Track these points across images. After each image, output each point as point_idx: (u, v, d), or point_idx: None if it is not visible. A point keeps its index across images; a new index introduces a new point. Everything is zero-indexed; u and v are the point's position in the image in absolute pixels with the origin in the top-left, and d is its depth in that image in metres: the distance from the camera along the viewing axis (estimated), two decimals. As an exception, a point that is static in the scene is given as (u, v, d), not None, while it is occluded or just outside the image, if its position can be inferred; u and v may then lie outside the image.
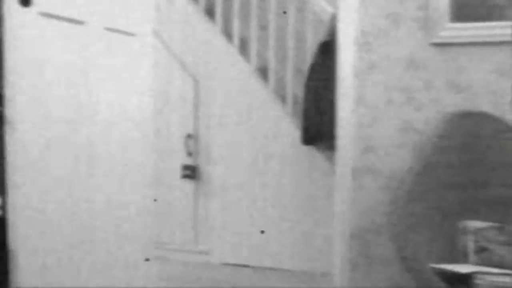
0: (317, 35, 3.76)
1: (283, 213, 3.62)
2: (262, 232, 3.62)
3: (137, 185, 2.57)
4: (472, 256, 2.19)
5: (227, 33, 4.04)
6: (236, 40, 3.78)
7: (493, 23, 2.47)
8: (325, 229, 3.47)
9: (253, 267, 3.63)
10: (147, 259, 2.59)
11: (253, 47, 3.75)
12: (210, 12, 4.11)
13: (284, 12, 4.10)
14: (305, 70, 3.63)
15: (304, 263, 3.54)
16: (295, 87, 3.90)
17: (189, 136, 3.81)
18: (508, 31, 2.46)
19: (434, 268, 2.02)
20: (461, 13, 2.51)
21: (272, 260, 3.63)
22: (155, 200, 3.46)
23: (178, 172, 3.83)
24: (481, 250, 2.18)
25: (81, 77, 2.21)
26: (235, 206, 3.72)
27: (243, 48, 4.11)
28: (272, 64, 3.73)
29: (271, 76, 3.71)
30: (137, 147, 2.56)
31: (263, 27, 4.15)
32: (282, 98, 3.80)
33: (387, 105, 2.60)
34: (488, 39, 2.48)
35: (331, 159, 3.47)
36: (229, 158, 3.73)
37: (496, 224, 2.24)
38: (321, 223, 3.48)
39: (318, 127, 3.38)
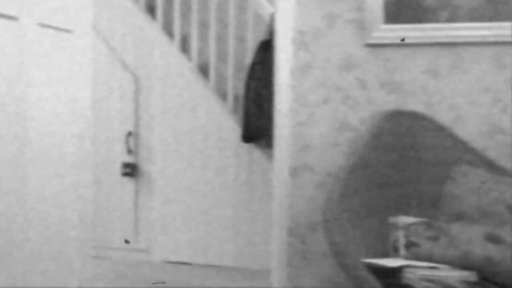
0: (257, 34, 3.79)
1: (224, 210, 3.64)
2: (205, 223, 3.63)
3: (75, 184, 2.54)
4: (402, 251, 2.26)
5: (168, 30, 4.03)
6: (176, 37, 3.77)
7: (425, 25, 2.55)
8: (265, 226, 3.51)
9: (193, 265, 3.64)
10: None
11: (194, 44, 3.76)
12: (150, 9, 4.09)
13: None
14: (246, 68, 3.66)
15: (244, 260, 3.57)
16: (236, 85, 3.93)
17: (129, 133, 3.78)
18: (439, 32, 2.54)
19: (365, 263, 2.08)
20: (394, 15, 2.59)
21: (212, 257, 3.65)
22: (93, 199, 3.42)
23: (118, 170, 3.80)
24: (410, 245, 2.25)
25: (16, 74, 2.17)
26: (176, 203, 3.72)
27: (184, 45, 4.11)
28: (213, 62, 3.74)
29: (212, 73, 3.73)
30: (75, 145, 2.54)
31: (204, 24, 4.15)
32: (223, 96, 3.82)
33: (324, 104, 2.65)
34: (420, 41, 2.56)
35: (271, 157, 3.52)
36: (169, 155, 3.72)
37: (425, 220, 2.32)
38: (261, 220, 3.52)
39: (258, 125, 3.41)
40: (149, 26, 3.77)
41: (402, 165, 2.42)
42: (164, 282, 3.24)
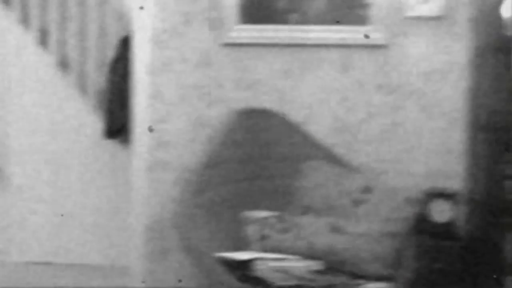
0: (120, 29, 3.75)
1: (85, 207, 3.58)
2: (62, 215, 3.54)
3: None
4: (255, 244, 2.36)
5: (25, 22, 3.88)
6: (35, 30, 3.65)
7: (278, 26, 2.66)
8: (127, 223, 3.49)
9: (55, 264, 3.56)
10: None
11: (54, 38, 3.65)
12: None
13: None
14: (109, 63, 3.61)
15: (107, 257, 3.54)
16: (98, 81, 3.86)
17: (-17, 130, 3.61)
18: (291, 34, 2.66)
19: (218, 257, 2.14)
20: (249, 16, 2.67)
21: (75, 256, 3.58)
22: None
23: (-29, 168, 3.61)
24: (263, 237, 2.35)
25: None
26: (36, 202, 3.61)
27: (43, 38, 3.97)
28: (73, 57, 3.66)
29: (73, 68, 3.64)
30: None
31: (65, 18, 4.04)
32: (85, 91, 3.75)
33: (181, 102, 2.69)
34: (273, 41, 2.66)
35: (133, 153, 3.50)
36: (28, 153, 3.60)
37: (276, 213, 2.43)
38: (123, 216, 3.50)
39: (120, 121, 3.39)
40: (4, 17, 3.61)
41: (255, 161, 2.52)
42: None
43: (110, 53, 3.59)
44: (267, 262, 2.17)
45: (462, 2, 2.58)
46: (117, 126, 3.36)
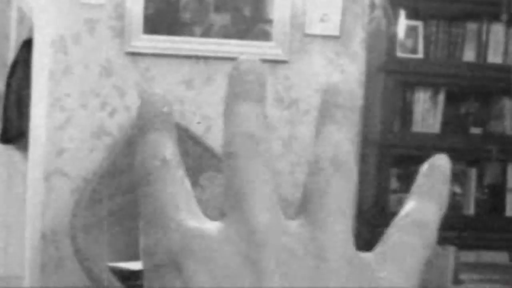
0: (22, 32, 3.66)
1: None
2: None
3: None
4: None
5: None
6: None
7: (183, 38, 2.69)
8: (23, 231, 3.40)
9: None
10: None
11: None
12: None
13: None
14: (9, 66, 3.51)
15: (1, 266, 3.43)
16: (-2, 83, 3.75)
17: None
18: (194, 46, 2.70)
19: (110, 267, 2.14)
20: (154, 26, 2.69)
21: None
22: None
23: None
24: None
25: None
26: None
27: None
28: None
29: (-30, 70, 3.52)
30: None
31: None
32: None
33: (81, 109, 2.66)
34: (177, 52, 2.69)
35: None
36: None
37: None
38: (18, 225, 3.41)
39: (18, 126, 3.31)
40: None
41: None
42: None
43: (12, 56, 3.50)
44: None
45: (357, 23, 2.71)
46: (15, 132, 3.27)
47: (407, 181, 2.51)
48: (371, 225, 2.39)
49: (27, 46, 3.34)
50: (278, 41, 2.69)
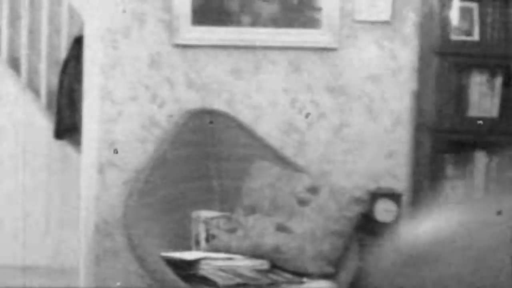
0: (73, 28, 3.72)
1: (36, 209, 3.53)
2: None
3: None
4: (203, 244, 2.37)
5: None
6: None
7: (229, 28, 2.68)
8: (76, 224, 3.46)
9: (4, 267, 3.50)
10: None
11: (5, 35, 3.60)
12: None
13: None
14: (61, 62, 3.57)
15: (56, 259, 3.50)
16: (50, 80, 3.82)
17: None
18: (242, 36, 2.68)
19: (164, 257, 2.14)
20: (202, 17, 2.68)
21: (25, 258, 3.53)
22: None
23: None
24: (210, 237, 2.36)
25: None
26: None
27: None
28: (24, 55, 3.61)
29: (24, 67, 3.59)
30: None
31: (17, 16, 3.99)
32: (36, 91, 3.70)
33: (132, 101, 2.68)
34: (225, 42, 2.68)
35: (85, 153, 3.47)
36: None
37: (225, 214, 2.44)
38: (75, 218, 3.47)
39: (71, 121, 3.36)
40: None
41: (204, 161, 2.52)
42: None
43: (64, 52, 3.56)
44: (212, 262, 2.18)
45: (409, 7, 2.64)
46: (68, 127, 3.33)
47: (462, 167, 2.43)
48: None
49: (78, 42, 3.39)
50: (327, 28, 2.65)
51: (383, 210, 2.31)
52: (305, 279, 2.16)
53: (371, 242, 2.25)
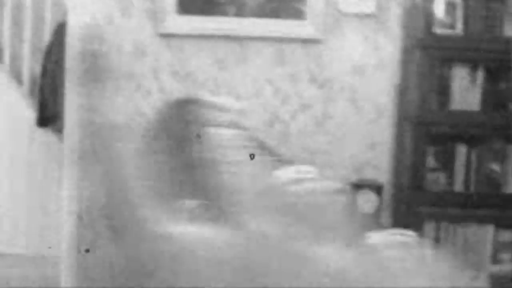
0: (56, 15, 3.69)
1: (17, 196, 3.51)
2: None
3: None
4: (185, 233, 2.36)
5: (-42, 6, 3.77)
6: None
7: (215, 18, 2.67)
8: (58, 213, 3.45)
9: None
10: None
11: (-13, 23, 3.56)
12: None
13: None
14: (44, 49, 3.54)
15: (36, 247, 3.49)
16: (33, 67, 3.79)
17: None
18: (227, 25, 2.68)
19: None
20: (187, 6, 2.67)
21: (3, 246, 3.52)
22: None
23: None
24: (193, 227, 2.36)
25: None
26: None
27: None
28: (7, 42, 3.58)
29: (6, 54, 3.56)
30: None
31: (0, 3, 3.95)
32: (19, 78, 3.67)
33: (115, 91, 2.67)
34: (210, 32, 2.67)
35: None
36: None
37: (204, 202, 2.44)
38: (55, 207, 3.45)
39: (53, 109, 3.34)
40: None
41: (187, 152, 2.52)
42: None
43: (46, 39, 3.53)
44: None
45: (393, 0, 2.65)
46: (50, 114, 3.31)
47: (444, 160, 2.46)
48: (407, 204, 2.35)
49: (61, 29, 3.36)
50: (312, 20, 2.65)
51: (365, 201, 2.33)
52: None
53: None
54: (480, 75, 2.44)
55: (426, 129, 2.39)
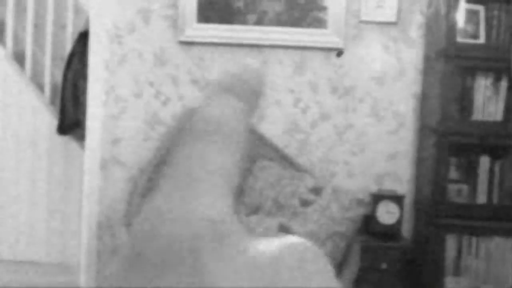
0: (78, 23, 3.72)
1: (37, 204, 3.53)
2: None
3: None
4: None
5: (-18, 14, 3.82)
6: (-10, 22, 3.59)
7: (235, 26, 2.67)
8: (78, 220, 3.46)
9: (3, 261, 3.50)
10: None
11: (10, 30, 3.59)
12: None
13: None
14: (66, 58, 3.57)
15: (56, 254, 3.50)
16: (54, 75, 3.82)
17: None
18: (247, 34, 2.67)
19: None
20: (207, 15, 2.68)
21: (23, 253, 3.53)
22: None
23: None
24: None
25: None
26: (-13, 196, 3.54)
27: None
28: (29, 50, 3.61)
29: (28, 62, 3.59)
30: None
31: (22, 10, 3.99)
32: (40, 86, 3.70)
33: (136, 98, 2.68)
34: (230, 41, 2.67)
35: (88, 149, 3.46)
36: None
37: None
38: (75, 214, 3.47)
39: (74, 117, 3.35)
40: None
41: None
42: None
43: (68, 47, 3.55)
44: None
45: (415, 9, 2.63)
46: (71, 122, 3.32)
47: (467, 171, 2.42)
48: (428, 216, 2.32)
49: (83, 38, 3.39)
50: (333, 28, 2.64)
51: (386, 212, 2.30)
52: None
53: (373, 243, 2.25)
54: (503, 84, 2.41)
55: (448, 139, 2.36)
